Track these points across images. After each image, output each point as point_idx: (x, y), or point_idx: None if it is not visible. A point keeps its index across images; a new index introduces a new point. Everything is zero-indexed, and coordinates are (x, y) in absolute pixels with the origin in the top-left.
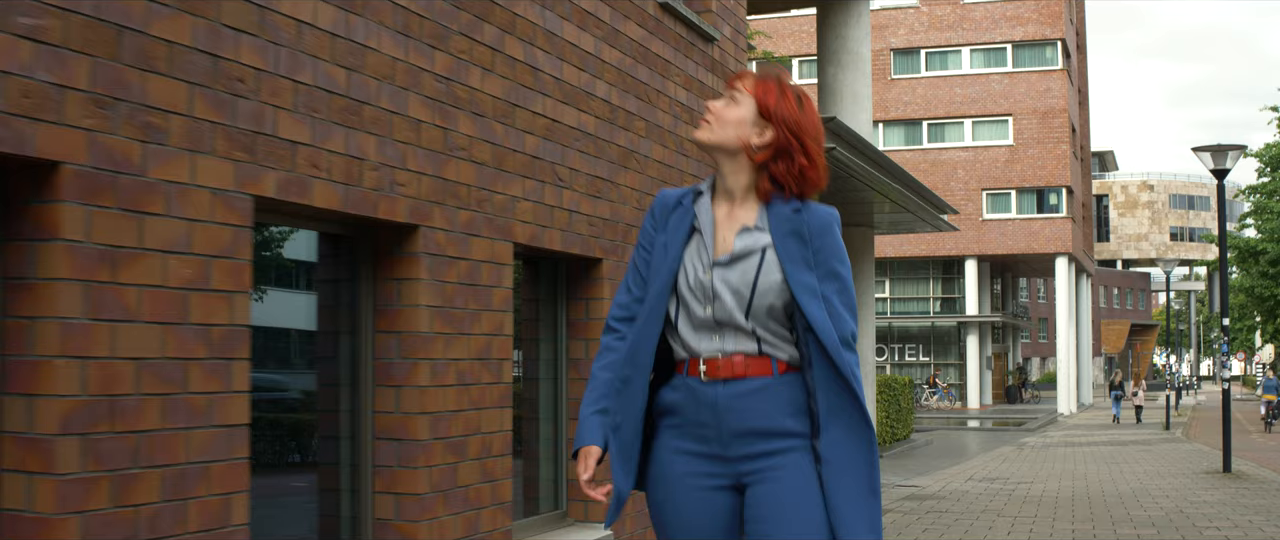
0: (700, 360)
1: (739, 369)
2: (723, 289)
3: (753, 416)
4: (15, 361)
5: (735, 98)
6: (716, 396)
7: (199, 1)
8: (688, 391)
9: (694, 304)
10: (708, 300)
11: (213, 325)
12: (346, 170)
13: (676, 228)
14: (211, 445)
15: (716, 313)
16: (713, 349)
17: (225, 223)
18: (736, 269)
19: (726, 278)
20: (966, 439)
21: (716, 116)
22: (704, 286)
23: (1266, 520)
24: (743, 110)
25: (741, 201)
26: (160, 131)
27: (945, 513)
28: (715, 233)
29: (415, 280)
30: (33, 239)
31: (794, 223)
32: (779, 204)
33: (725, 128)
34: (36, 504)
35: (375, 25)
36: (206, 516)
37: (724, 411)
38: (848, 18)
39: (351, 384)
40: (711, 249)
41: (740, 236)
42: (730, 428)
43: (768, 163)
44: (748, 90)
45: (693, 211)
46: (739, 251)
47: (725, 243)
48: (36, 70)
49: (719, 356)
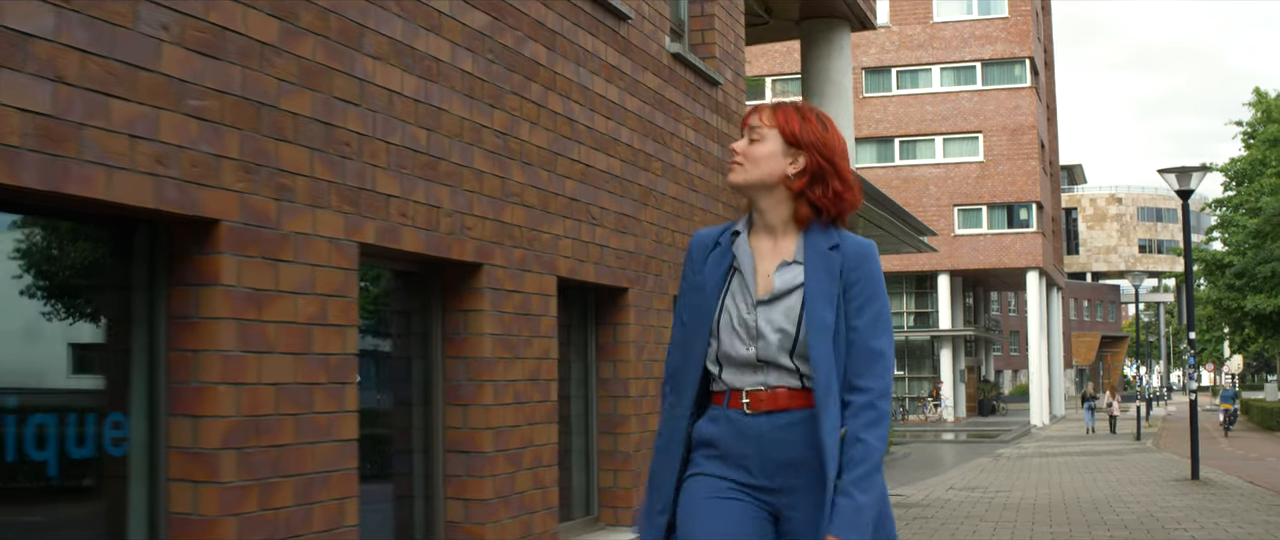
0: (742, 393)
1: (783, 401)
2: (767, 328)
3: (795, 447)
4: (180, 388)
5: (758, 133)
6: (760, 428)
7: (317, 78)
8: (728, 424)
9: (737, 343)
10: (752, 339)
11: (330, 354)
12: (428, 218)
13: (714, 268)
14: (330, 457)
15: (760, 352)
16: (755, 382)
17: (338, 266)
18: (780, 307)
19: (770, 317)
20: (943, 451)
21: (746, 156)
22: (748, 326)
23: (1232, 522)
24: (770, 144)
25: (783, 234)
26: (289, 191)
27: (930, 519)
28: (756, 270)
29: (480, 312)
30: (196, 284)
31: (829, 259)
32: (817, 235)
33: (758, 165)
34: (201, 508)
35: (448, 90)
36: (327, 518)
37: (769, 443)
38: (830, 49)
39: (424, 403)
40: (753, 288)
41: (779, 272)
42: (774, 459)
43: (805, 190)
44: (769, 124)
45: (732, 251)
46: (780, 289)
47: (767, 280)
48: (201, 143)
49: (762, 389)
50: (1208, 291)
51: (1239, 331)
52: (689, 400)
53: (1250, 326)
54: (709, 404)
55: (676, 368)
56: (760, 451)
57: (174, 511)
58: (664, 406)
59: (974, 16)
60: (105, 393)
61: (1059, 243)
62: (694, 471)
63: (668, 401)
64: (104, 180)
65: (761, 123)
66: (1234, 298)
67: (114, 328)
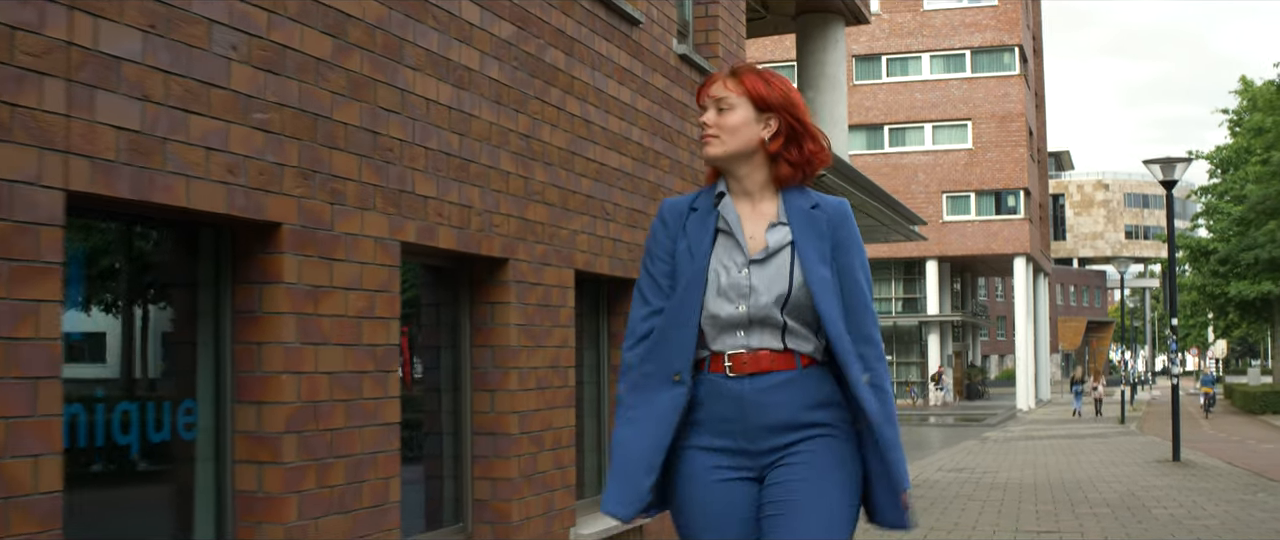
0: (724, 356)
1: (765, 364)
2: (760, 285)
3: (780, 410)
4: (245, 377)
5: (726, 102)
6: (743, 391)
7: (364, 90)
8: (711, 387)
9: (724, 304)
10: (742, 297)
11: (376, 345)
12: (460, 217)
13: (699, 232)
14: (377, 439)
15: (751, 310)
16: (738, 345)
17: (383, 264)
18: (772, 264)
19: (763, 274)
20: (931, 434)
21: (720, 127)
22: (738, 285)
23: (1208, 500)
24: (741, 111)
25: (760, 198)
26: (341, 195)
27: (922, 497)
28: (743, 231)
29: (505, 304)
30: (259, 282)
31: (811, 217)
32: (795, 196)
33: (735, 134)
34: (266, 487)
35: (477, 97)
36: (374, 495)
37: (751, 406)
38: (825, 44)
39: (454, 389)
40: (745, 247)
41: (771, 231)
42: (757, 422)
43: (781, 151)
44: (736, 91)
45: (716, 213)
46: (774, 246)
47: (757, 239)
48: (266, 153)
49: (744, 352)
50: (1192, 278)
51: (1223, 317)
52: (686, 363)
53: (1234, 312)
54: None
55: (661, 337)
56: (743, 415)
57: (240, 490)
58: (631, 376)
59: (964, 4)
60: (179, 382)
61: (1046, 229)
62: (684, 443)
63: (642, 370)
64: (185, 189)
65: (728, 91)
66: (1218, 284)
67: (184, 322)
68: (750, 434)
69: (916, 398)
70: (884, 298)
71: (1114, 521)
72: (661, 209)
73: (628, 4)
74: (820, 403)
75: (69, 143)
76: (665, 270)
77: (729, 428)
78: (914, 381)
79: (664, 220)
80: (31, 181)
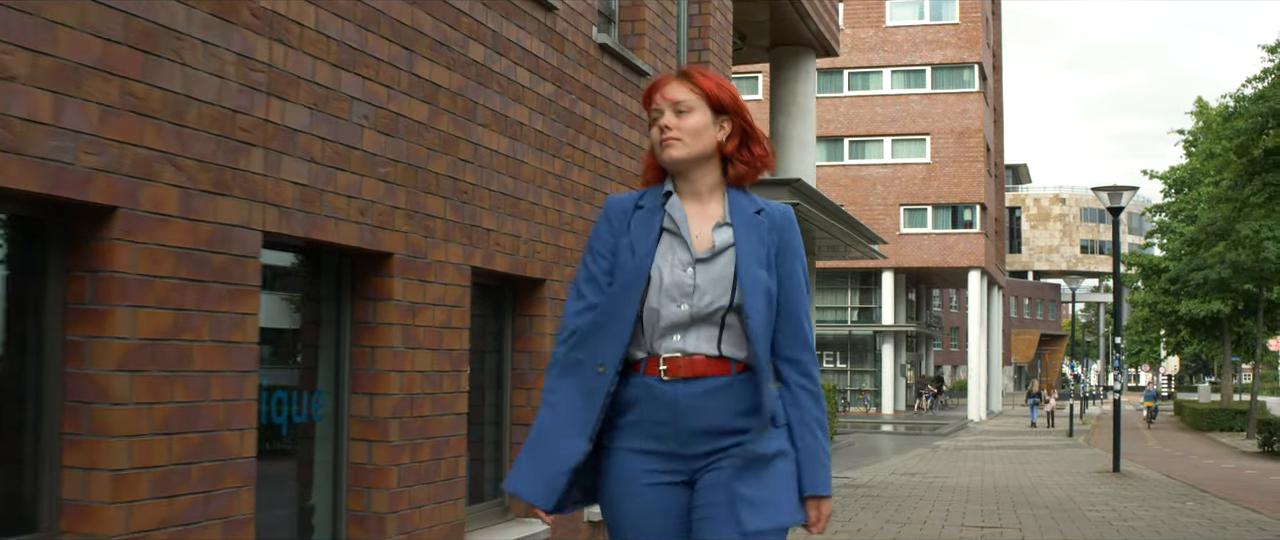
0: (659, 359)
1: (700, 368)
2: (704, 284)
3: (711, 415)
4: (360, 373)
5: (684, 103)
6: (676, 395)
7: (449, 145)
8: (644, 390)
9: (666, 303)
10: (685, 296)
11: (452, 350)
12: (512, 245)
13: (643, 230)
14: (452, 425)
15: (694, 308)
16: (673, 348)
17: (458, 284)
18: (717, 264)
19: (707, 273)
20: (883, 442)
21: (682, 130)
22: (682, 284)
23: (1140, 506)
24: (699, 114)
25: (708, 198)
26: (432, 230)
27: (876, 497)
28: (690, 230)
29: (542, 316)
30: (374, 299)
31: (754, 221)
32: (740, 198)
33: (697, 137)
34: (374, 460)
35: (526, 145)
36: (449, 470)
37: (684, 411)
38: (797, 74)
39: (496, 387)
40: (692, 245)
41: (718, 231)
42: (689, 426)
43: (734, 153)
44: (694, 93)
45: (663, 211)
46: (721, 246)
47: (703, 238)
48: (385, 198)
49: (679, 356)
50: (1144, 295)
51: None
52: (614, 358)
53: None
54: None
55: (593, 328)
56: (675, 419)
57: (353, 462)
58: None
59: (925, 21)
60: (311, 376)
61: (1001, 243)
62: (615, 445)
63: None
64: (334, 228)
65: (686, 93)
66: (1169, 301)
67: (311, 329)
68: (682, 438)
69: (870, 405)
70: (839, 307)
71: (1051, 521)
72: (606, 205)
73: (638, 59)
74: (753, 409)
75: (265, 195)
76: (605, 267)
77: (661, 431)
78: (868, 389)
79: (608, 217)
80: (242, 225)
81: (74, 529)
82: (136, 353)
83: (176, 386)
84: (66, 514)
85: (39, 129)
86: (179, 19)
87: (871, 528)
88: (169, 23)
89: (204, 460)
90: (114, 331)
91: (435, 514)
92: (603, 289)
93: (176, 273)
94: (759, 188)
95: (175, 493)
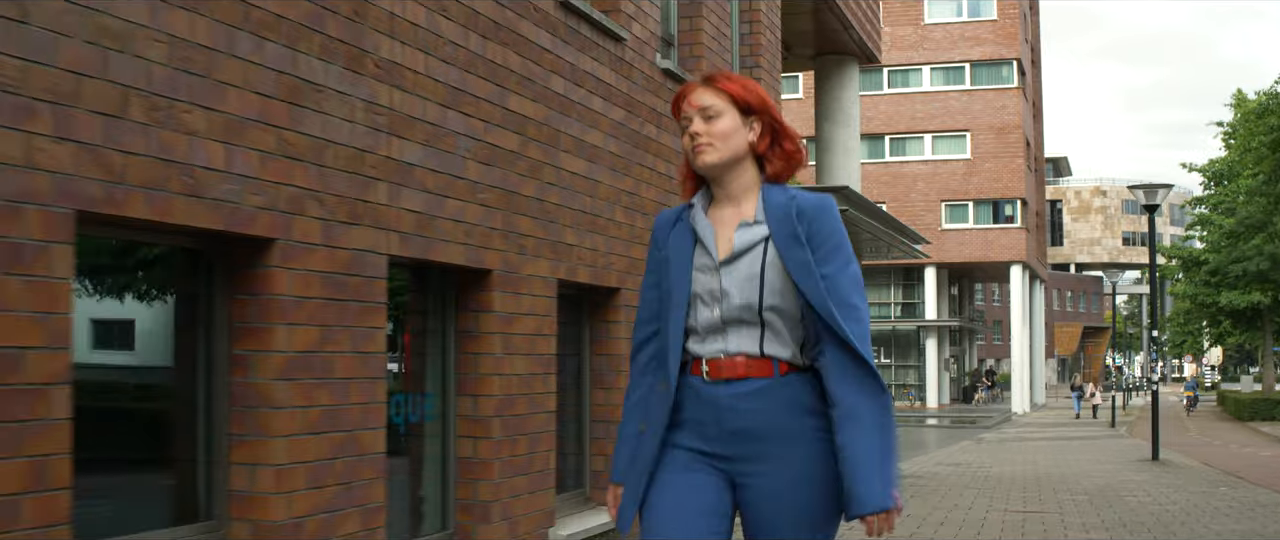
0: (703, 361)
1: (741, 370)
2: (731, 287)
3: (752, 417)
4: (464, 377)
5: (712, 108)
6: (718, 396)
7: (537, 170)
8: (691, 390)
9: (702, 309)
10: (716, 301)
11: (542, 355)
12: (592, 259)
13: (679, 242)
14: (543, 422)
15: (725, 312)
16: (716, 350)
17: (545, 296)
18: (742, 264)
19: (733, 276)
20: (929, 435)
21: (712, 135)
22: (711, 289)
23: (1176, 492)
24: (728, 118)
25: (743, 199)
26: (524, 248)
27: (924, 486)
28: (716, 235)
29: (617, 322)
30: (476, 311)
31: (787, 209)
32: (773, 193)
33: (727, 141)
34: (479, 454)
35: (601, 166)
36: (542, 463)
37: (725, 411)
38: (842, 81)
39: (576, 387)
40: (715, 252)
41: (739, 231)
42: (729, 427)
43: (767, 151)
44: (721, 98)
45: (690, 223)
46: (740, 248)
47: (727, 242)
48: (485, 221)
49: (722, 357)
50: (1184, 286)
51: (1216, 325)
52: (674, 373)
53: (1226, 321)
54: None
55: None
56: (717, 419)
57: (460, 456)
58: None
59: (963, 19)
60: (422, 380)
61: (1043, 237)
62: (669, 440)
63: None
64: (443, 249)
65: (713, 98)
66: (1209, 293)
67: (420, 339)
68: (722, 438)
69: (914, 399)
70: (883, 303)
71: (1089, 506)
72: (655, 221)
73: None
74: (796, 409)
75: (388, 223)
76: (654, 282)
77: (704, 431)
78: (912, 384)
79: (655, 235)
80: (371, 250)
81: (243, 516)
82: (292, 363)
83: (323, 392)
84: (236, 503)
85: (214, 175)
86: (318, 73)
87: (920, 513)
88: (310, 77)
89: (345, 456)
90: (273, 346)
91: (531, 502)
92: (653, 307)
93: (321, 294)
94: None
95: (324, 484)
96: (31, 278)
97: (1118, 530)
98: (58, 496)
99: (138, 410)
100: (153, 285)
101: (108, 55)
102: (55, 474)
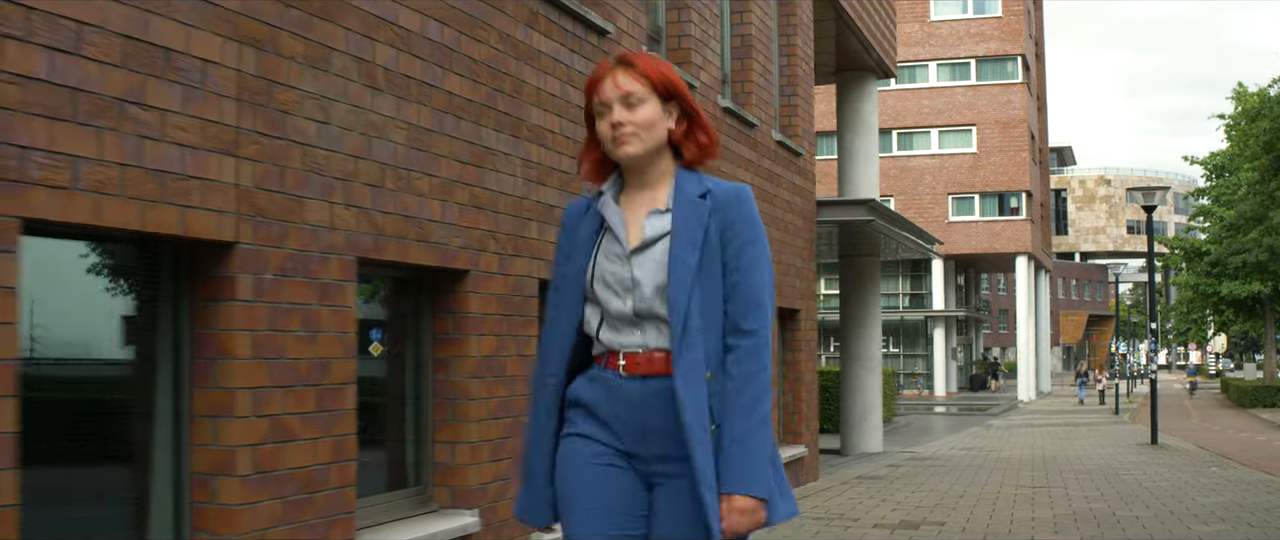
0: (619, 355)
1: (659, 366)
2: (641, 276)
3: (670, 415)
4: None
5: (635, 95)
6: (633, 392)
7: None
8: (604, 385)
9: (613, 299)
10: (627, 291)
11: None
12: None
13: (585, 232)
14: None
15: (637, 304)
16: (634, 344)
17: None
18: (652, 254)
19: (643, 265)
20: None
21: (637, 124)
22: (621, 278)
23: (1169, 471)
24: (650, 104)
25: (657, 185)
26: None
27: (939, 467)
28: (627, 223)
29: None
30: None
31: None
32: (686, 181)
33: (651, 130)
34: None
35: None
36: None
37: (640, 409)
38: (862, 93)
39: None
40: (624, 239)
41: (650, 219)
42: (643, 425)
43: (682, 139)
44: (641, 83)
45: (599, 211)
46: (650, 236)
47: (638, 229)
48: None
49: (640, 352)
50: (1187, 276)
51: (1219, 314)
52: (559, 368)
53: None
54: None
55: (546, 338)
56: (630, 415)
57: None
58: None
59: (969, 15)
60: None
61: (1047, 227)
62: (569, 431)
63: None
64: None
65: (628, 81)
66: (1211, 283)
67: None
68: (635, 435)
69: (922, 388)
70: (892, 293)
71: (1090, 482)
72: (564, 213)
73: (748, 113)
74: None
75: (537, 253)
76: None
77: (621, 428)
78: (920, 373)
79: (563, 226)
80: (528, 276)
81: (444, 482)
82: (480, 364)
83: (500, 387)
84: (439, 473)
85: (433, 224)
86: (493, 141)
87: (941, 488)
88: (492, 145)
89: (515, 436)
90: (467, 352)
91: None
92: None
93: (498, 311)
94: (838, 208)
95: (501, 458)
96: (336, 307)
97: (1114, 502)
98: (347, 467)
99: (371, 403)
100: (382, 307)
101: (371, 141)
102: (348, 449)
